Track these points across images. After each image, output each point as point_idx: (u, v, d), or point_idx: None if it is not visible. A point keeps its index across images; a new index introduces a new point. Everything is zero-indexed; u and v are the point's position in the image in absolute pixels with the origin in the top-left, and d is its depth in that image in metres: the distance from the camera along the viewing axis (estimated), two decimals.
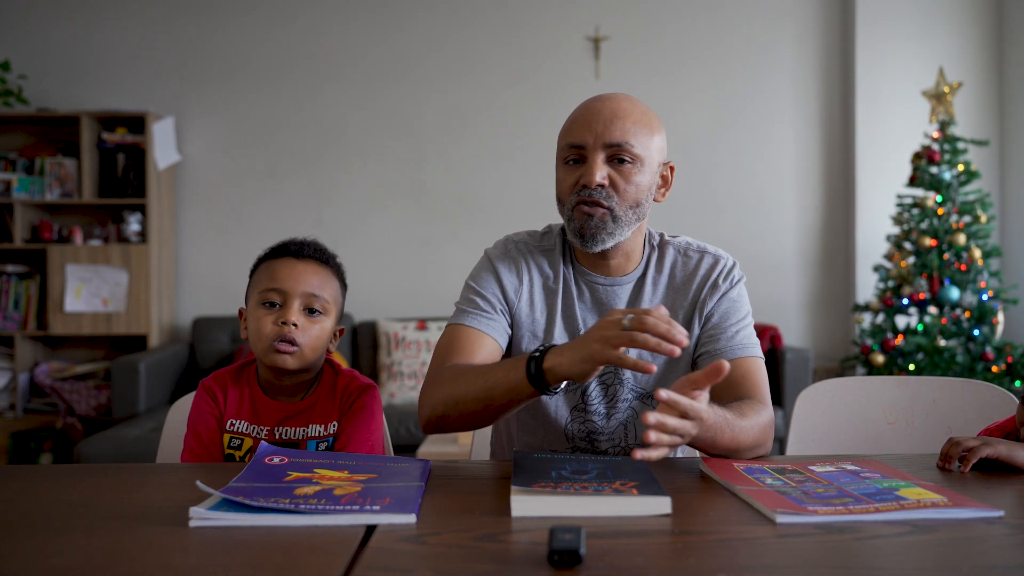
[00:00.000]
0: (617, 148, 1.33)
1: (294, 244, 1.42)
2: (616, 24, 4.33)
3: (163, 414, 2.99)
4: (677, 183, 1.47)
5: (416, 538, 0.88)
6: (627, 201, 1.35)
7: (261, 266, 1.43)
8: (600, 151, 1.34)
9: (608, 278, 1.43)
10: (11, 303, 4.03)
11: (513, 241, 1.48)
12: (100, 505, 1.02)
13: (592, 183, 1.33)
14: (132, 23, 4.27)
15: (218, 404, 1.42)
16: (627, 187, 1.34)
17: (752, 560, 0.82)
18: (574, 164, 1.37)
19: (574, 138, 1.36)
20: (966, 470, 1.15)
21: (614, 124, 1.33)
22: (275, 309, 1.37)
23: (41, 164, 4.02)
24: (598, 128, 1.34)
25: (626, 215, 1.35)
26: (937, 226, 3.73)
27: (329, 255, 1.45)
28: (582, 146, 1.35)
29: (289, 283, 1.37)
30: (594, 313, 1.43)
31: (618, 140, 1.33)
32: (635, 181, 1.35)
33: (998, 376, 3.57)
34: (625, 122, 1.34)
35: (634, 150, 1.34)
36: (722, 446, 1.19)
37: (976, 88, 4.25)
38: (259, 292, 1.39)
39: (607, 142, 1.33)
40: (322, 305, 1.39)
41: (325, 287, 1.40)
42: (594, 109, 1.36)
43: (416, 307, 4.21)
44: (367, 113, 4.32)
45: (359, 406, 1.42)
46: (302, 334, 1.36)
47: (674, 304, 1.43)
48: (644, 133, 1.35)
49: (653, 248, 1.47)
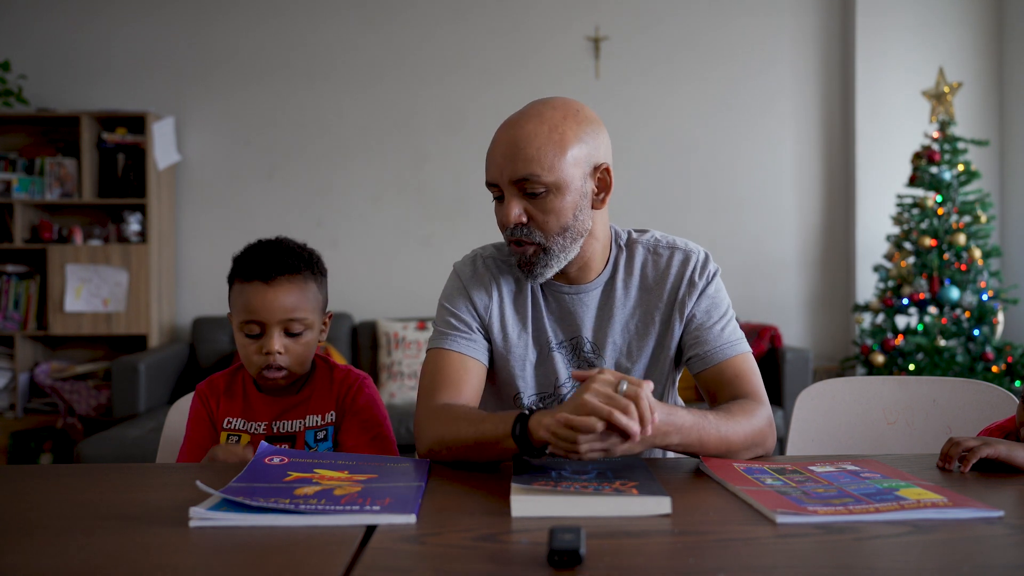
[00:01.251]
0: (524, 182, 1.26)
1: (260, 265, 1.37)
2: (616, 24, 4.33)
3: (163, 414, 2.99)
4: (678, 183, 1.47)
5: (416, 538, 0.88)
6: (552, 231, 1.29)
7: (235, 286, 1.40)
8: (511, 187, 1.28)
9: (572, 286, 1.40)
10: (11, 303, 4.03)
11: (481, 257, 1.44)
12: (100, 505, 1.02)
13: (508, 224, 1.29)
14: (132, 23, 4.27)
15: (210, 408, 1.43)
16: (546, 218, 1.28)
17: (752, 560, 0.82)
18: (499, 200, 1.32)
19: (488, 176, 1.31)
20: (966, 470, 1.15)
21: (516, 158, 1.25)
22: (256, 338, 1.37)
23: (41, 164, 4.02)
24: (502, 164, 1.27)
25: (557, 243, 1.30)
26: (937, 226, 3.73)
27: (297, 259, 1.40)
28: (495, 184, 1.30)
29: (264, 314, 1.35)
30: (560, 323, 1.40)
31: (522, 175, 1.26)
32: (554, 209, 1.27)
33: (998, 376, 3.57)
34: (528, 150, 1.25)
35: (544, 179, 1.25)
36: (712, 449, 1.19)
37: (976, 88, 4.25)
38: (238, 321, 1.38)
39: (512, 179, 1.27)
40: (302, 323, 1.38)
41: (301, 304, 1.38)
42: (499, 142, 1.28)
43: (416, 307, 4.21)
44: (367, 113, 4.32)
45: (359, 394, 1.43)
46: (287, 356, 1.37)
47: (649, 305, 1.40)
48: (553, 154, 1.25)
49: (620, 249, 1.42)
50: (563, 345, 1.40)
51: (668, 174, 4.30)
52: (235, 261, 1.41)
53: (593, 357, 1.39)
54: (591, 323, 1.40)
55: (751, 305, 4.31)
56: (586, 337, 1.40)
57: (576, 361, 1.40)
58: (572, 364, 1.40)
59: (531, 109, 1.30)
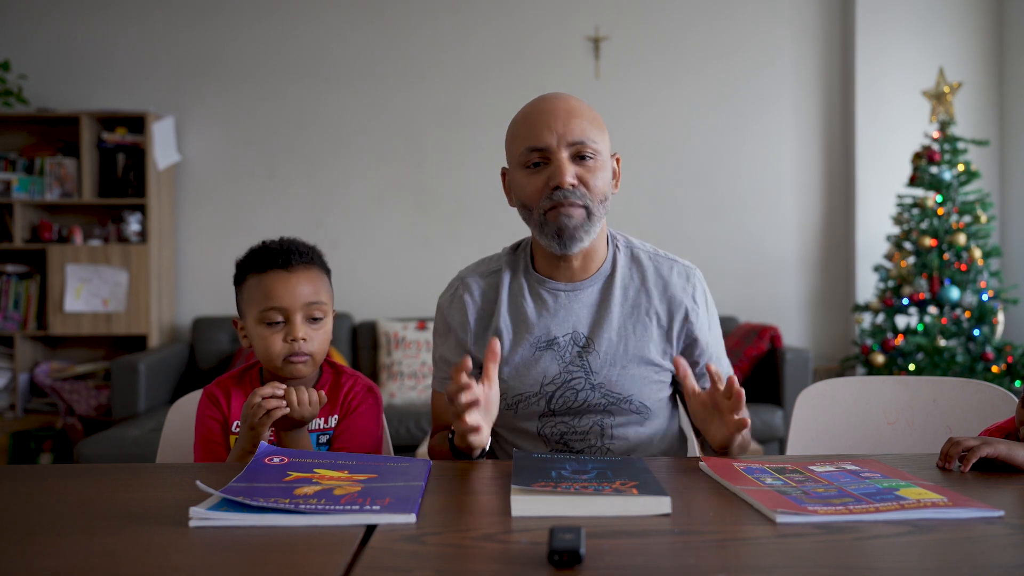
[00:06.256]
0: (580, 145, 1.34)
1: (278, 254, 1.38)
2: (616, 24, 4.33)
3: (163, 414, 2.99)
4: (677, 183, 1.49)
5: (416, 538, 0.88)
6: (597, 197, 1.36)
7: (250, 280, 1.39)
8: (564, 150, 1.34)
9: (570, 283, 1.43)
10: (11, 303, 4.03)
11: (459, 279, 1.50)
12: (100, 505, 1.02)
13: (564, 183, 1.33)
14: (132, 23, 4.27)
15: (222, 409, 1.42)
16: (595, 183, 1.35)
17: (752, 560, 0.82)
18: (536, 168, 1.36)
19: (534, 141, 1.35)
20: (966, 470, 1.15)
21: (572, 122, 1.34)
22: (279, 327, 1.37)
23: (41, 164, 4.02)
24: (558, 128, 1.33)
25: (598, 211, 1.37)
26: (937, 226, 3.73)
27: (310, 251, 1.43)
28: (544, 148, 1.34)
29: (288, 300, 1.36)
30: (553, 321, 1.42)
31: (579, 138, 1.34)
32: (601, 176, 1.36)
33: (998, 376, 3.56)
34: (581, 120, 1.35)
35: (595, 146, 1.35)
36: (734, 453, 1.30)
37: (976, 88, 4.25)
38: (259, 311, 1.37)
39: (570, 140, 1.34)
40: (322, 309, 1.39)
41: (320, 290, 1.40)
42: (547, 110, 1.36)
43: (416, 307, 4.20)
44: (367, 113, 4.32)
45: (361, 404, 1.43)
46: (311, 343, 1.38)
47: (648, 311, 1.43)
48: (597, 130, 1.37)
49: (619, 249, 1.47)
50: (555, 343, 1.41)
51: (668, 174, 4.30)
52: (245, 259, 1.41)
53: (587, 353, 1.40)
54: (588, 319, 1.42)
55: (751, 305, 4.31)
56: (582, 333, 1.41)
57: (570, 357, 1.41)
58: (566, 361, 1.41)
59: (561, 93, 1.40)
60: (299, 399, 1.30)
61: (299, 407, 1.30)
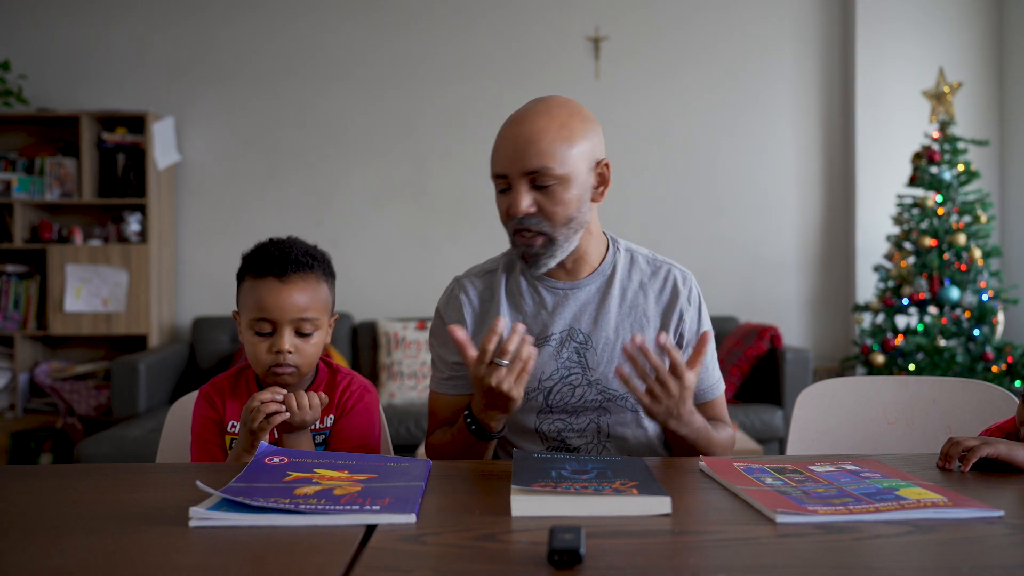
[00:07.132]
0: (536, 175, 1.32)
1: (276, 261, 1.36)
2: (616, 24, 4.33)
3: (163, 414, 2.99)
4: (677, 183, 1.49)
5: (416, 538, 0.88)
6: (559, 222, 1.35)
7: (247, 282, 1.38)
8: (521, 179, 1.33)
9: (568, 281, 1.45)
10: (11, 303, 4.03)
11: (455, 281, 1.51)
12: (100, 505, 1.02)
13: (518, 213, 1.34)
14: (132, 23, 4.27)
15: (217, 409, 1.42)
16: (555, 209, 1.34)
17: (752, 560, 0.82)
18: (503, 192, 1.37)
19: (497, 166, 1.36)
20: (966, 470, 1.15)
21: (529, 151, 1.31)
22: (267, 337, 1.36)
23: (41, 164, 4.02)
24: (515, 157, 1.33)
25: (562, 234, 1.36)
26: (937, 226, 3.73)
27: (311, 257, 1.39)
28: (504, 176, 1.35)
29: (276, 313, 1.34)
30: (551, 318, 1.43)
31: (535, 167, 1.31)
32: (563, 200, 1.33)
33: (998, 376, 3.56)
34: (540, 145, 1.31)
35: (555, 172, 1.32)
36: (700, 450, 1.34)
37: (976, 88, 4.25)
38: (248, 318, 1.37)
39: (526, 170, 1.32)
40: (313, 323, 1.37)
41: (312, 303, 1.37)
42: (510, 136, 1.34)
43: (416, 307, 4.21)
44: (367, 113, 4.32)
45: (357, 403, 1.43)
46: (297, 356, 1.36)
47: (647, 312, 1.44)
48: (563, 148, 1.32)
49: (618, 250, 1.48)
50: (553, 339, 1.42)
51: (668, 174, 4.30)
52: (247, 257, 1.40)
53: (585, 350, 1.41)
54: (586, 317, 1.43)
55: (751, 305, 4.31)
56: (579, 329, 1.42)
57: (568, 354, 1.41)
58: (563, 357, 1.41)
59: (538, 106, 1.36)
60: (299, 404, 1.30)
61: (299, 412, 1.30)
